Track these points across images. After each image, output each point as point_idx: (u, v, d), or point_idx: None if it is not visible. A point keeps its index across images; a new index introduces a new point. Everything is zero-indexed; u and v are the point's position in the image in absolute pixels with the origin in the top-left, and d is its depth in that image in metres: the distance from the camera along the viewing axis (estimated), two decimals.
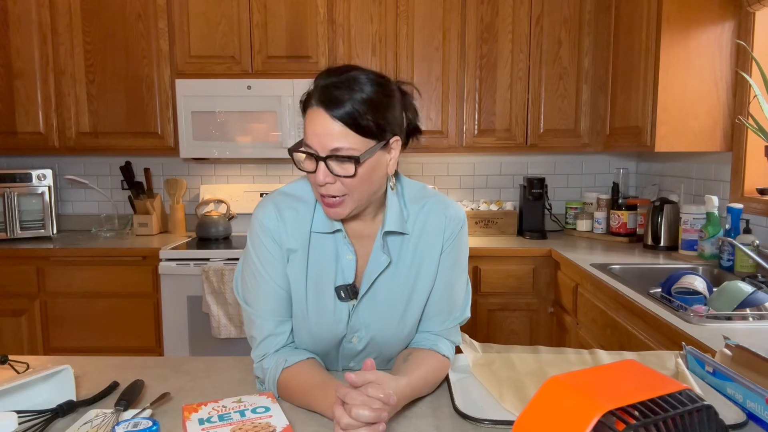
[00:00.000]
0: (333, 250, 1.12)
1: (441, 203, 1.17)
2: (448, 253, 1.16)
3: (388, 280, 1.13)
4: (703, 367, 1.11)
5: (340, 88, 0.99)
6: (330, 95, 0.99)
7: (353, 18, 2.88)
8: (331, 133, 0.98)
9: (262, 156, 2.88)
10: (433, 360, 1.10)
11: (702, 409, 0.63)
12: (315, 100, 1.01)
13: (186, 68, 2.91)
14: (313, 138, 1.00)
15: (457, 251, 1.17)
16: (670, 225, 2.58)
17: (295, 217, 1.11)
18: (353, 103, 0.98)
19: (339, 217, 1.07)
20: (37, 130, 2.96)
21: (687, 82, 2.33)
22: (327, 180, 1.01)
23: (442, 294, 1.16)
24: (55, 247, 2.78)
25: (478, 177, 3.33)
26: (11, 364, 1.19)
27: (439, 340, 1.15)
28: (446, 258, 1.15)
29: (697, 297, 1.76)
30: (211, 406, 0.95)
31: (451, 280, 1.17)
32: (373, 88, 1.01)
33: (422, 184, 1.22)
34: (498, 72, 2.91)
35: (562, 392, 0.66)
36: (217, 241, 2.97)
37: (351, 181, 1.01)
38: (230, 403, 0.96)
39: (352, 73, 1.02)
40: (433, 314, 1.17)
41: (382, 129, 1.02)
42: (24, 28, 2.89)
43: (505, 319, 2.76)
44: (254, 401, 0.97)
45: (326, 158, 0.99)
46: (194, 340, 2.68)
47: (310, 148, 1.01)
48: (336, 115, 0.98)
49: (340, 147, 0.99)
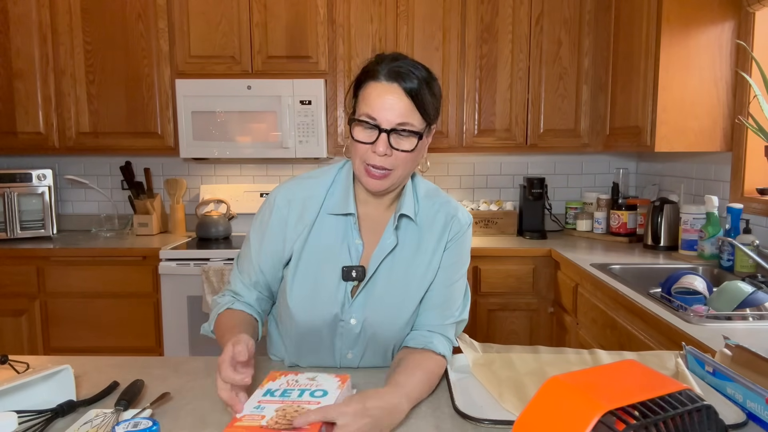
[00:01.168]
0: (342, 232, 1.17)
1: (451, 205, 1.23)
2: (451, 251, 1.19)
3: (391, 264, 1.17)
4: (703, 367, 1.11)
5: (410, 72, 1.06)
6: (400, 73, 1.06)
7: (353, 18, 2.88)
8: (400, 108, 1.05)
9: (262, 156, 2.88)
10: (428, 360, 1.10)
11: (702, 409, 0.63)
12: (383, 75, 1.06)
13: (186, 68, 2.91)
14: (379, 111, 1.05)
15: (459, 252, 1.21)
16: (670, 225, 2.58)
17: (309, 198, 1.18)
18: (421, 84, 1.06)
19: (380, 188, 1.11)
20: (37, 130, 2.96)
21: (687, 82, 2.33)
22: (387, 152, 1.07)
23: (440, 289, 1.18)
24: (55, 247, 2.78)
25: (478, 177, 3.34)
26: (11, 364, 1.19)
27: (434, 337, 1.15)
28: (448, 256, 1.19)
29: (697, 297, 1.76)
30: (289, 378, 0.99)
31: (451, 278, 1.19)
32: (431, 76, 1.10)
33: (437, 186, 1.28)
34: (498, 72, 2.91)
35: (562, 392, 0.66)
36: (217, 241, 2.97)
37: (405, 156, 1.08)
38: (304, 379, 0.99)
39: (410, 60, 1.09)
40: (429, 308, 1.18)
41: (436, 113, 1.12)
42: (24, 28, 2.89)
43: (505, 319, 2.76)
44: (323, 382, 0.98)
45: (390, 131, 1.06)
46: (194, 340, 2.68)
47: (375, 120, 1.06)
48: (407, 91, 1.05)
49: (406, 122, 1.06)
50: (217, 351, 0.98)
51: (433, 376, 1.09)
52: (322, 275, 1.15)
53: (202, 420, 0.98)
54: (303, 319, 1.16)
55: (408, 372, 1.04)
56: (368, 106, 1.07)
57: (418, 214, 1.19)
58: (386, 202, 1.20)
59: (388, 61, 1.08)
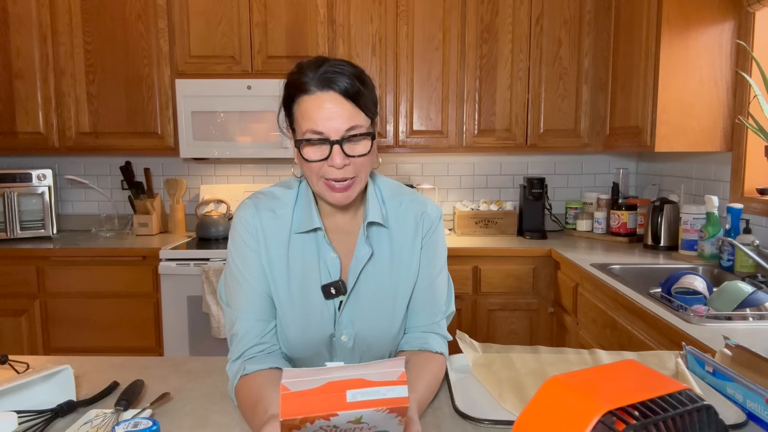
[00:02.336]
0: (315, 249, 1.12)
1: (417, 201, 1.18)
2: (427, 248, 1.17)
3: (371, 274, 1.13)
4: (703, 367, 1.11)
5: (336, 73, 1.00)
6: (331, 78, 1.00)
7: (353, 18, 2.88)
8: (343, 114, 1.00)
9: (262, 156, 2.88)
10: (430, 363, 1.10)
11: (702, 409, 0.63)
12: (314, 85, 1.01)
13: (186, 68, 2.91)
14: (324, 123, 1.00)
15: (435, 246, 1.18)
16: (670, 225, 2.58)
17: (274, 218, 1.12)
18: (353, 81, 1.01)
19: (348, 200, 1.07)
20: (37, 130, 2.96)
21: (687, 82, 2.33)
22: (345, 162, 1.01)
23: (424, 288, 1.17)
24: (55, 247, 2.78)
25: (478, 177, 3.34)
26: (11, 364, 1.19)
27: (428, 337, 1.15)
28: (426, 254, 1.17)
29: (697, 297, 1.76)
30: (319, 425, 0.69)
31: (432, 275, 1.17)
32: (358, 70, 1.04)
33: (398, 183, 1.23)
34: (498, 72, 2.91)
35: (562, 392, 0.66)
36: (217, 241, 2.97)
37: (363, 160, 1.03)
38: (345, 424, 0.70)
39: (333, 61, 1.04)
40: (417, 309, 1.17)
41: (375, 105, 1.06)
42: (24, 28, 2.89)
43: (505, 319, 2.76)
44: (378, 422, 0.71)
45: (341, 140, 1.00)
46: (194, 340, 2.68)
47: (322, 134, 1.01)
48: (344, 93, 1.00)
49: (354, 125, 1.01)
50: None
51: (437, 375, 1.09)
52: (308, 296, 1.11)
53: (202, 420, 0.99)
54: (299, 343, 1.13)
55: (414, 378, 1.02)
56: (310, 121, 1.00)
57: (387, 218, 1.15)
58: (351, 212, 1.15)
59: (312, 68, 1.02)
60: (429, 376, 1.05)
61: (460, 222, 3.10)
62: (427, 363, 1.09)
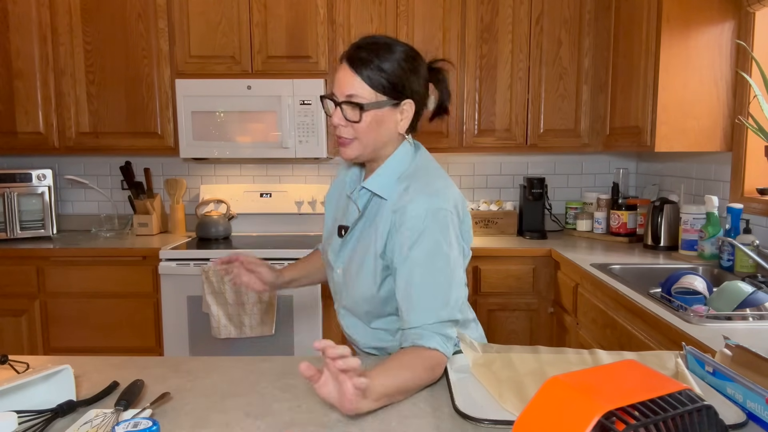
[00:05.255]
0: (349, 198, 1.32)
1: (415, 192, 1.17)
2: (397, 244, 1.16)
3: (357, 232, 1.28)
4: (703, 367, 1.11)
5: (362, 48, 1.17)
6: (352, 53, 1.18)
7: (353, 18, 2.88)
8: (347, 82, 1.17)
9: (262, 156, 2.88)
10: (413, 354, 1.08)
11: (702, 409, 0.63)
12: (343, 59, 1.19)
13: (186, 68, 2.91)
14: (334, 87, 1.19)
15: (405, 243, 1.14)
16: (670, 225, 2.58)
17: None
18: (371, 59, 1.15)
19: (346, 156, 1.23)
20: (37, 130, 2.96)
21: (687, 82, 2.33)
22: (340, 122, 1.19)
23: (403, 286, 1.14)
24: (55, 247, 2.78)
25: (478, 177, 3.34)
26: (11, 364, 1.19)
27: (424, 334, 1.10)
28: (399, 250, 1.15)
29: (697, 297, 1.76)
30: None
31: (411, 274, 1.13)
32: (393, 53, 1.17)
33: (433, 168, 1.25)
34: (498, 72, 2.92)
35: (562, 392, 0.66)
36: (217, 241, 2.97)
37: (358, 126, 1.18)
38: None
39: (378, 38, 1.20)
40: (402, 305, 1.15)
41: (394, 87, 1.17)
42: (24, 28, 2.89)
43: (505, 319, 2.76)
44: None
45: (341, 103, 1.17)
46: (194, 340, 2.68)
47: (333, 95, 1.20)
48: (353, 67, 1.16)
49: (352, 94, 1.16)
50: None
51: (416, 368, 1.06)
52: (333, 231, 1.35)
53: (202, 420, 0.99)
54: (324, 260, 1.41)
55: (390, 364, 1.04)
56: (333, 84, 1.22)
57: (392, 192, 1.20)
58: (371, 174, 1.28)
59: (352, 46, 1.19)
60: (406, 364, 1.05)
61: None
62: (410, 353, 1.08)
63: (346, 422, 0.97)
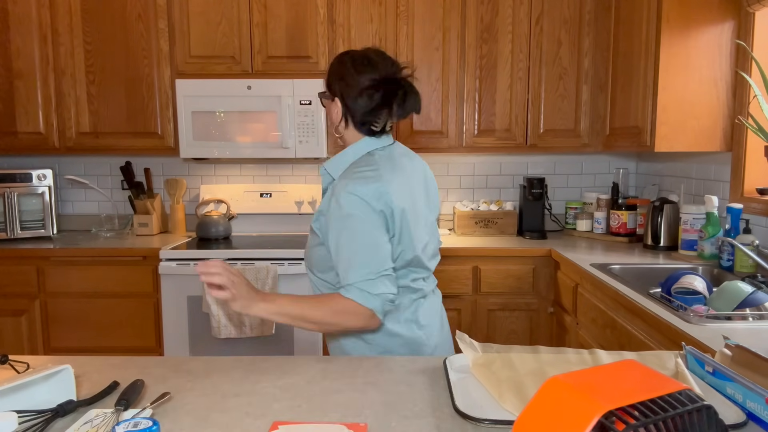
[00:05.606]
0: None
1: (347, 175, 1.36)
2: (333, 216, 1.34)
3: (323, 207, 1.41)
4: (702, 367, 1.11)
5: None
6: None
7: (353, 18, 2.88)
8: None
9: (262, 156, 2.88)
10: (329, 298, 1.31)
11: (702, 409, 0.63)
12: None
13: (186, 68, 2.91)
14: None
15: (327, 216, 1.36)
16: (670, 225, 2.59)
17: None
18: (330, 64, 1.47)
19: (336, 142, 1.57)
20: (37, 130, 2.96)
21: (687, 82, 2.33)
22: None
23: (335, 253, 1.35)
24: (55, 247, 2.78)
25: (478, 177, 3.34)
26: (11, 364, 1.19)
27: (347, 287, 1.30)
28: (330, 218, 1.35)
29: (696, 297, 1.76)
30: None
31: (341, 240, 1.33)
32: (337, 59, 1.44)
33: (383, 165, 1.37)
34: (498, 72, 2.92)
35: (562, 392, 0.66)
36: (217, 241, 2.97)
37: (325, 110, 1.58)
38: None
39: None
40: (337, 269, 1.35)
41: (329, 86, 1.44)
42: (24, 28, 2.89)
43: (505, 319, 2.76)
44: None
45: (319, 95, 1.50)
46: (194, 340, 2.68)
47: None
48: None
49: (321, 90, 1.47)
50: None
51: (322, 307, 1.29)
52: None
53: (202, 420, 0.99)
54: None
55: (301, 297, 1.30)
56: None
57: (335, 173, 1.42)
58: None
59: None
60: (316, 301, 1.30)
61: (460, 222, 3.10)
62: (327, 296, 1.32)
63: (347, 423, 0.97)
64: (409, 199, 1.38)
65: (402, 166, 1.41)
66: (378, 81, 1.37)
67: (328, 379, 1.16)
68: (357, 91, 1.37)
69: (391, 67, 1.40)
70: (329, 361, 1.26)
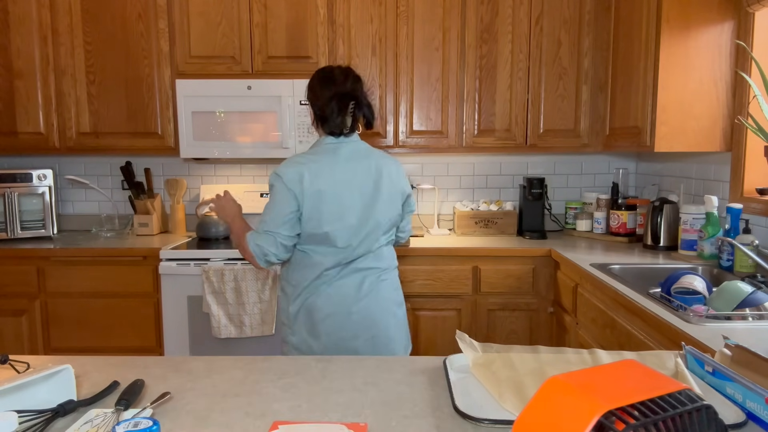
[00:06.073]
0: None
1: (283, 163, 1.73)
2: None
3: None
4: (702, 367, 1.11)
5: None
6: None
7: (353, 18, 2.88)
8: None
9: (262, 156, 2.88)
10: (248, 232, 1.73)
11: (702, 409, 0.63)
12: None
13: (186, 68, 2.91)
14: None
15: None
16: (670, 225, 2.59)
17: None
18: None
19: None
20: (37, 130, 2.96)
21: (687, 82, 2.33)
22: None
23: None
24: (56, 247, 2.78)
25: (478, 177, 3.34)
26: (11, 364, 1.19)
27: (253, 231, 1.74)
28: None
29: (696, 297, 1.76)
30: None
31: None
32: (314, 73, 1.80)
33: (308, 155, 1.71)
34: (498, 72, 2.92)
35: (562, 392, 0.66)
36: (218, 241, 2.97)
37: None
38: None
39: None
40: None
41: (307, 94, 1.81)
42: (24, 28, 2.90)
43: (505, 319, 2.76)
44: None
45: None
46: (194, 340, 2.68)
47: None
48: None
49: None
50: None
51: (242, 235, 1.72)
52: None
53: (202, 420, 0.99)
54: None
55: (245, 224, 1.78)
56: None
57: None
58: None
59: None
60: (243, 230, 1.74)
61: (459, 222, 3.11)
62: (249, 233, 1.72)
63: (347, 423, 0.98)
64: (331, 183, 1.67)
65: (339, 158, 1.71)
66: (334, 95, 1.71)
67: (328, 379, 1.16)
68: (321, 101, 1.73)
69: (351, 84, 1.73)
70: (329, 361, 1.26)
